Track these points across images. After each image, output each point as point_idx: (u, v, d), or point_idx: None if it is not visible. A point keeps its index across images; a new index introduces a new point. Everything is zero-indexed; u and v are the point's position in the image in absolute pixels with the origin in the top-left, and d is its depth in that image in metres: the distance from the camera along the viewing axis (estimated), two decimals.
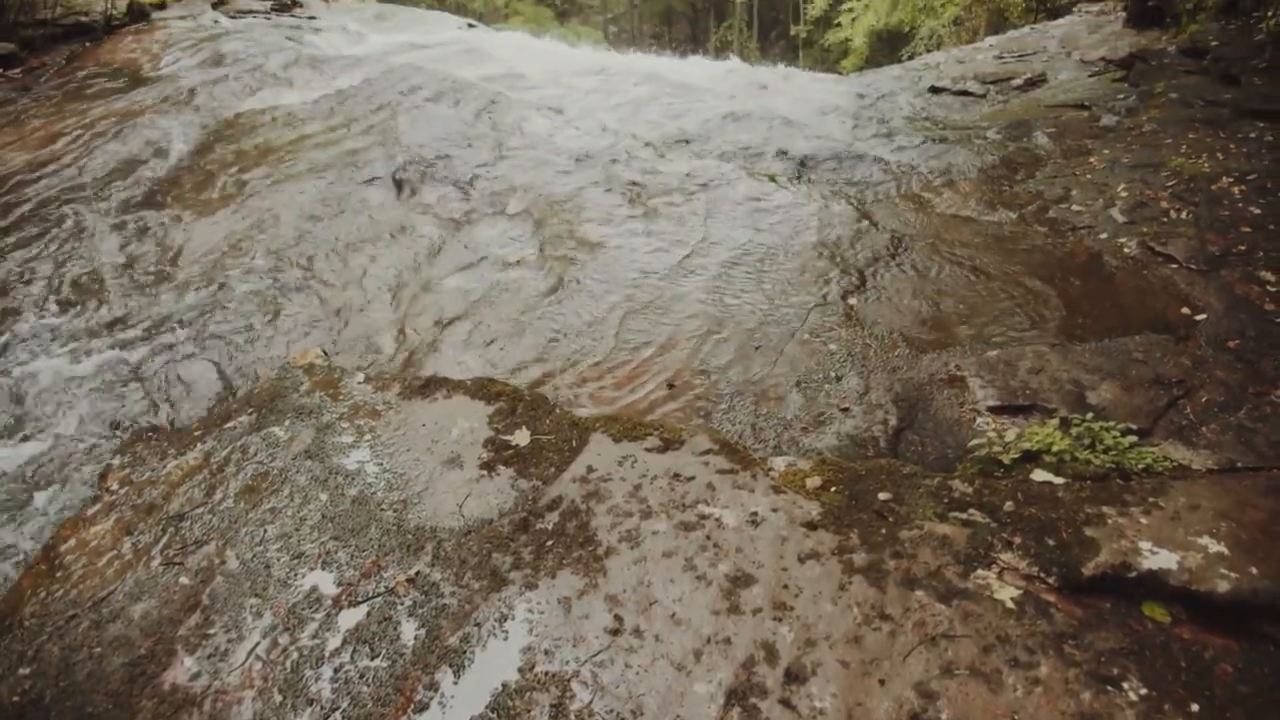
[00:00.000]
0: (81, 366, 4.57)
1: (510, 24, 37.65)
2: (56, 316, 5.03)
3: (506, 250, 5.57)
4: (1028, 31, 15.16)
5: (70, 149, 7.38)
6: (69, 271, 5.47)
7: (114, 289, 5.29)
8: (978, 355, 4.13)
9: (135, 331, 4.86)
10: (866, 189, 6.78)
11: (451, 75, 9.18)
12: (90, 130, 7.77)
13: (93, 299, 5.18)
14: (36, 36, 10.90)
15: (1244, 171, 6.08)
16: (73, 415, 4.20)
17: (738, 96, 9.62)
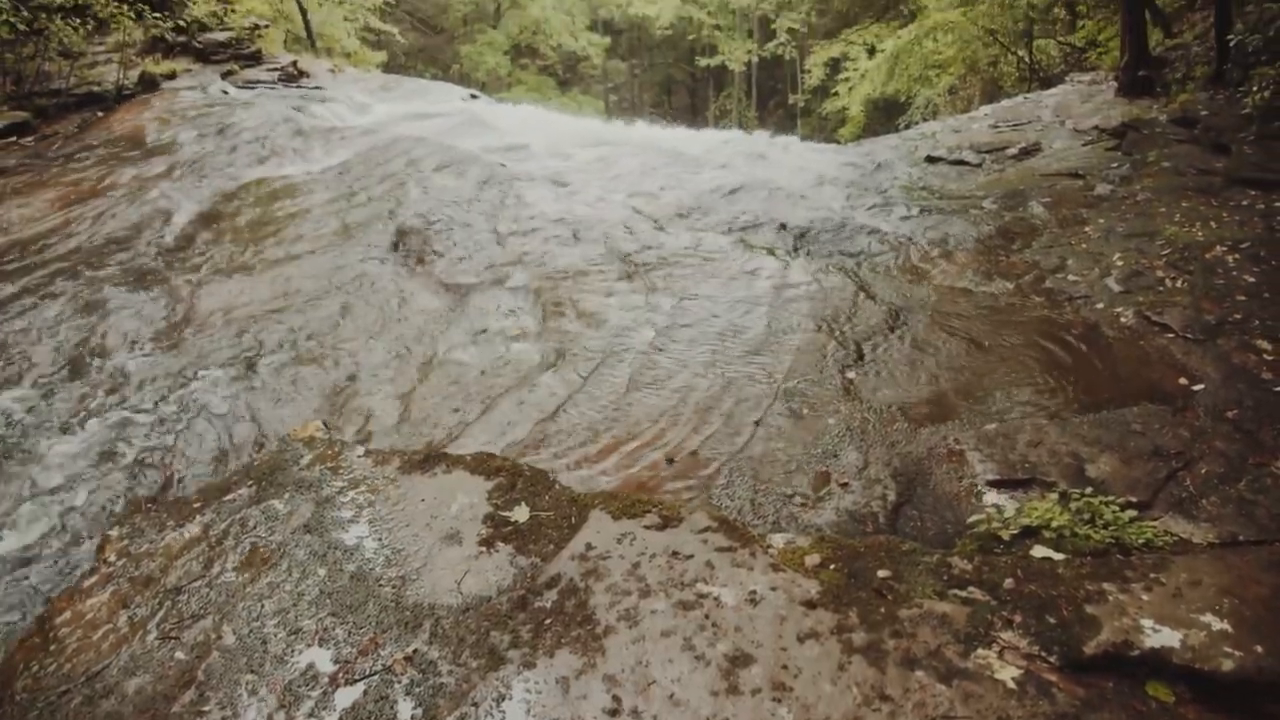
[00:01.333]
0: (81, 436, 4.58)
1: (513, 92, 38.28)
2: (58, 386, 5.05)
3: (507, 323, 5.61)
4: (1021, 100, 15.40)
5: (78, 217, 7.48)
6: (72, 340, 5.50)
7: (116, 359, 5.32)
8: (976, 428, 4.14)
9: (136, 402, 4.88)
10: (864, 261, 6.84)
11: (454, 146, 9.32)
12: (98, 198, 7.89)
13: (95, 369, 5.21)
14: (50, 105, 11.13)
15: (1237, 240, 6.13)
16: (72, 486, 4.20)
17: (736, 167, 9.75)
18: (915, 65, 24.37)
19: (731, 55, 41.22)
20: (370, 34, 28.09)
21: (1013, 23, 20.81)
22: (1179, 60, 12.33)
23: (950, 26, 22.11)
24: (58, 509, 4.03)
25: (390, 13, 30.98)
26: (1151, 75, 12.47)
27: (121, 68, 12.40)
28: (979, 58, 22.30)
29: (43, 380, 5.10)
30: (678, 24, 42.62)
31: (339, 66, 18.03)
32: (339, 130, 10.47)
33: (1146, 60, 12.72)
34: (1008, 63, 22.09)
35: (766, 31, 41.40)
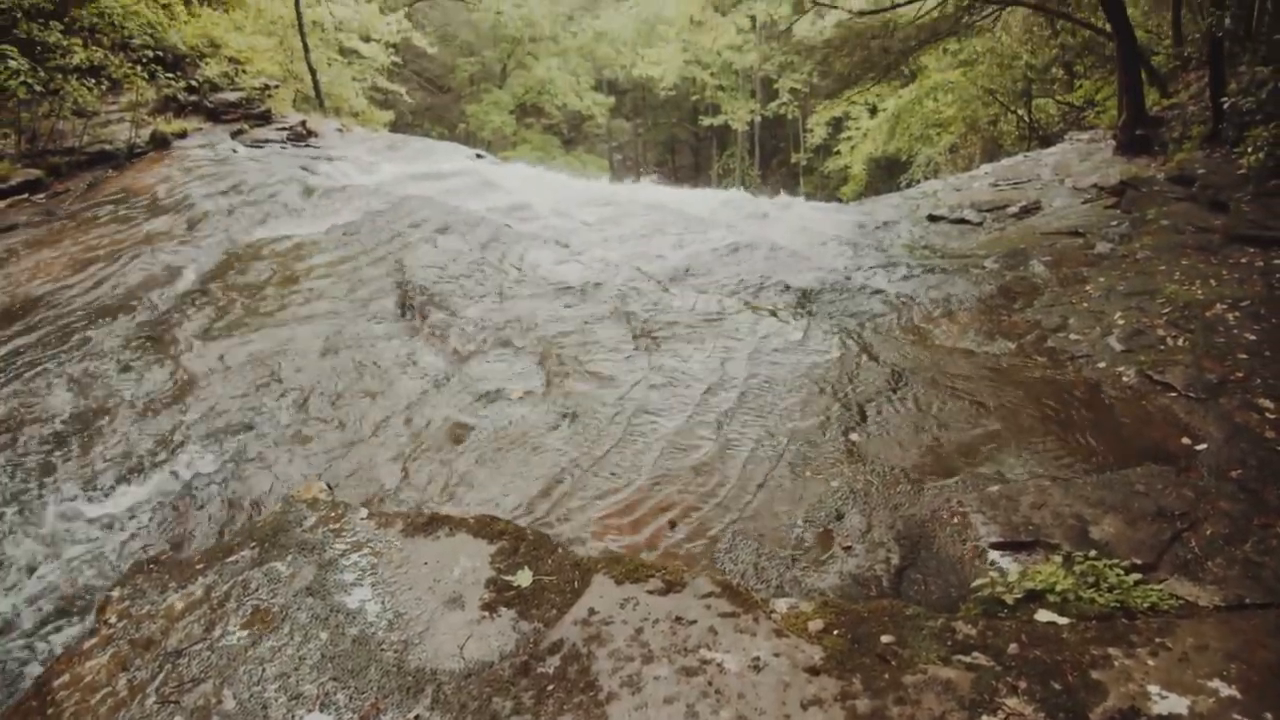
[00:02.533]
0: (82, 496, 4.59)
1: (518, 151, 38.70)
2: (59, 445, 5.06)
3: (511, 385, 5.63)
4: (1021, 159, 15.56)
5: (86, 274, 7.55)
6: (75, 399, 5.53)
7: (121, 419, 5.34)
8: (979, 490, 4.14)
9: (139, 462, 4.89)
10: (866, 321, 6.88)
11: (460, 207, 9.42)
12: (107, 256, 7.96)
13: (97, 428, 5.22)
14: (63, 163, 11.27)
15: (1237, 298, 6.16)
16: (72, 545, 4.20)
17: (739, 227, 9.82)
18: (916, 124, 24.69)
19: (734, 115, 41.73)
20: (378, 93, 28.52)
21: (1012, 82, 21.09)
22: (1176, 119, 12.47)
23: (950, 86, 22.44)
24: (58, 569, 4.03)
25: (398, 72, 31.48)
26: (1149, 134, 12.61)
27: (134, 126, 12.59)
28: (979, 116, 22.58)
29: (44, 439, 5.11)
30: (681, 84, 43.21)
31: (347, 126, 18.27)
32: (346, 190, 10.58)
33: (1144, 119, 12.87)
34: (1007, 121, 22.35)
35: (769, 91, 41.96)
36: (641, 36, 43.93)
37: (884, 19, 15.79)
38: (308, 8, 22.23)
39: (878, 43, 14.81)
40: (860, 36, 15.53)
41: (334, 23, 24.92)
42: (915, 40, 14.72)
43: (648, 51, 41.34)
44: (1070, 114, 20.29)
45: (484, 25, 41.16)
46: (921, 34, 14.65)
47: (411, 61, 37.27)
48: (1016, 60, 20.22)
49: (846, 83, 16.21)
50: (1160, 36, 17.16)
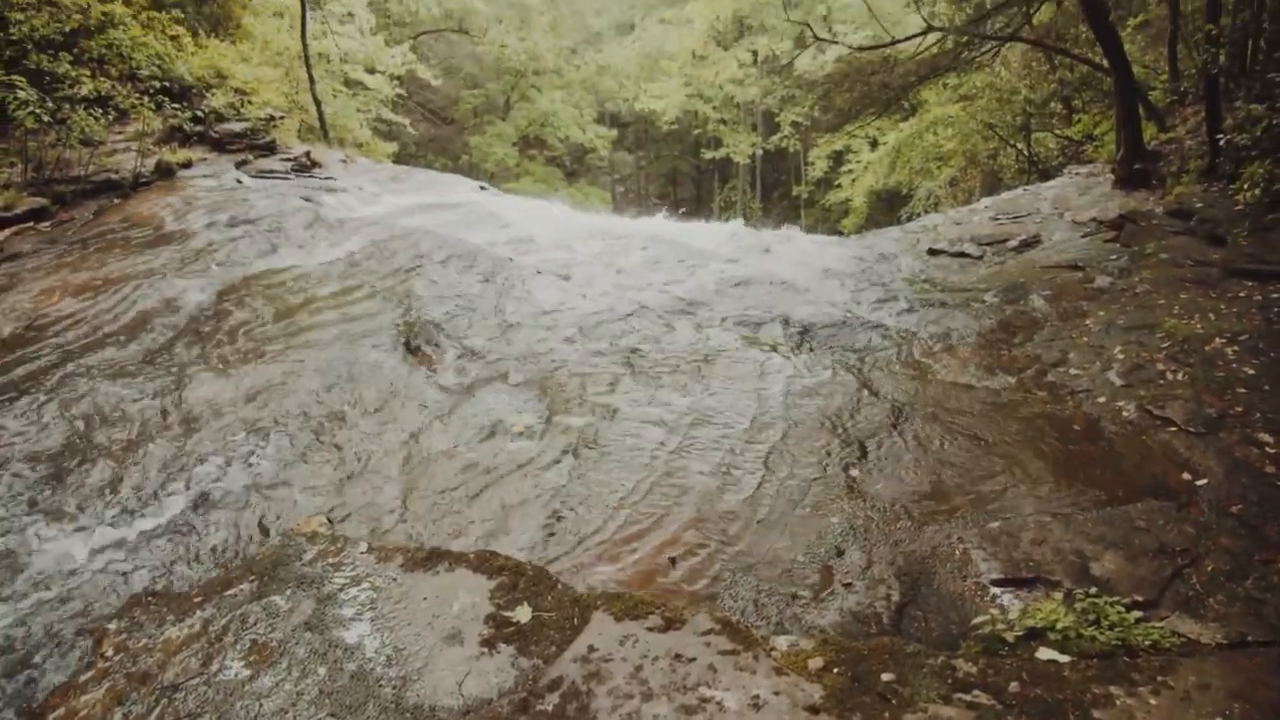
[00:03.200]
0: (80, 527, 4.58)
1: (520, 183, 38.88)
2: (58, 474, 5.05)
3: (511, 419, 5.64)
4: (1021, 192, 15.61)
5: (89, 303, 7.57)
6: (75, 428, 5.52)
7: (118, 449, 5.34)
8: (980, 527, 4.14)
9: (139, 493, 4.88)
10: (867, 356, 6.89)
11: (462, 240, 9.46)
12: (110, 285, 7.98)
13: (97, 457, 5.21)
14: (69, 192, 11.32)
15: (1235, 332, 6.17)
16: (70, 577, 4.18)
17: (740, 260, 9.86)
18: (917, 158, 24.79)
19: (736, 148, 41.93)
20: (382, 124, 28.70)
21: (1011, 117, 21.20)
22: (1173, 154, 12.54)
23: (950, 121, 22.55)
24: (55, 601, 4.02)
25: (402, 104, 31.69)
26: (1147, 168, 12.66)
27: (139, 156, 12.67)
28: (979, 150, 22.68)
29: (41, 467, 5.11)
30: (683, 118, 43.45)
31: (351, 157, 18.36)
32: (349, 221, 10.63)
33: (1142, 154, 12.93)
34: (1007, 155, 22.45)
35: (770, 125, 42.20)
36: (644, 70, 44.26)
37: (884, 55, 15.92)
38: (314, 39, 22.43)
39: (878, 78, 14.91)
40: (860, 72, 15.63)
41: (339, 54, 25.15)
42: (915, 76, 14.81)
43: (650, 85, 41.64)
44: (1069, 148, 20.38)
45: (488, 58, 41.50)
46: (921, 70, 14.74)
47: (416, 93, 37.56)
48: (1015, 95, 20.34)
49: (847, 117, 16.29)
50: (1157, 72, 17.28)
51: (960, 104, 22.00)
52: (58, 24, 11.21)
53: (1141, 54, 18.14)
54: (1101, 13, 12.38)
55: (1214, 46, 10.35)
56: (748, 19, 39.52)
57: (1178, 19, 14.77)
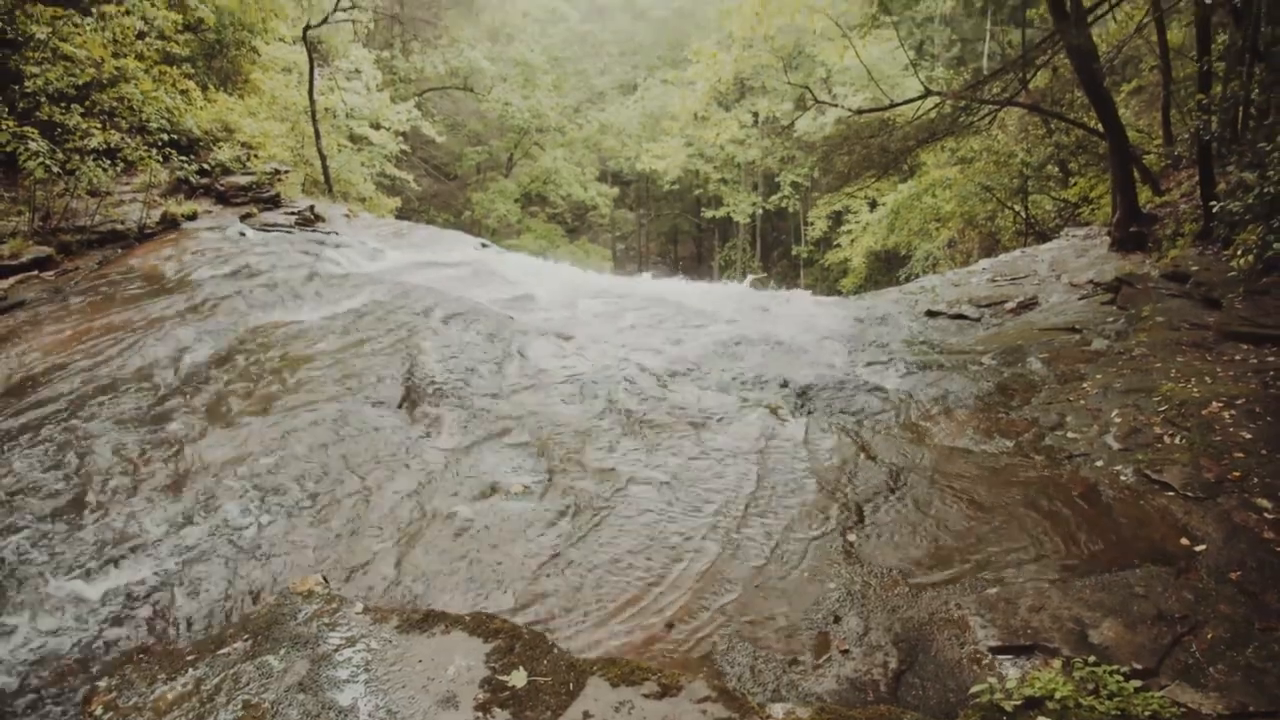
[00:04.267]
0: (73, 581, 4.56)
1: (522, 240, 39.16)
2: (53, 528, 5.04)
3: (510, 479, 5.64)
4: (1018, 255, 15.74)
5: (90, 353, 7.60)
6: (72, 481, 5.52)
7: (115, 503, 5.33)
8: (978, 593, 4.12)
9: (132, 548, 4.86)
10: (865, 419, 6.90)
11: (463, 297, 9.52)
12: (112, 336, 8.01)
13: (92, 512, 5.20)
14: (74, 241, 11.44)
15: (1232, 395, 6.18)
16: (60, 633, 4.16)
17: (739, 321, 9.91)
18: (915, 219, 25.02)
19: (737, 207, 42.29)
20: (385, 179, 29.00)
21: (1008, 179, 21.44)
22: (1168, 217, 12.67)
23: (948, 183, 22.79)
24: (44, 657, 3.99)
25: (405, 159, 32.04)
26: (1143, 231, 12.80)
27: (145, 207, 12.82)
28: (977, 212, 22.91)
29: (36, 518, 5.10)
30: (685, 177, 43.86)
31: (354, 211, 18.54)
32: (351, 277, 10.70)
33: (1137, 217, 13.08)
34: (1004, 217, 22.66)
35: (771, 185, 42.60)
36: (646, 130, 44.77)
37: (882, 118, 16.15)
38: (321, 95, 22.76)
39: (877, 141, 15.11)
40: (859, 135, 15.85)
41: (346, 110, 25.50)
42: (914, 140, 15.01)
43: (652, 145, 42.06)
44: (1066, 210, 20.59)
45: (492, 115, 41.99)
46: (920, 134, 14.94)
47: (419, 149, 38.00)
48: (1012, 158, 20.60)
49: (846, 179, 16.49)
50: (1151, 136, 17.53)
51: (958, 167, 22.26)
52: (72, 77, 11.40)
53: (1136, 118, 18.43)
54: (1096, 79, 12.60)
55: (1206, 114, 10.52)
56: (749, 80, 40.06)
57: (1170, 85, 15.03)
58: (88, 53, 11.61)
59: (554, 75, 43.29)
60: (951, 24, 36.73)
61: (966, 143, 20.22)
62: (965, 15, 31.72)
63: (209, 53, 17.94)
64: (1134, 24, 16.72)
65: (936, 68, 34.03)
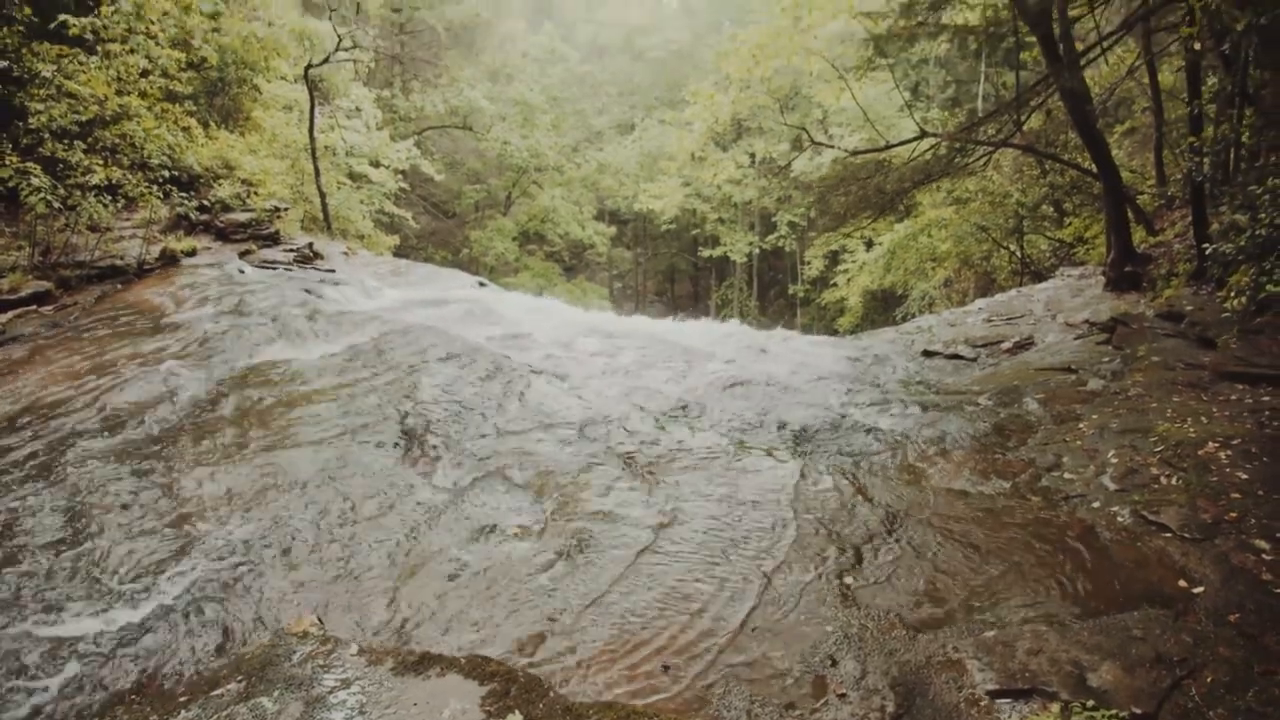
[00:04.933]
0: (64, 619, 4.53)
1: (520, 278, 39.32)
2: (46, 565, 5.01)
3: (506, 520, 5.63)
4: (1014, 294, 15.81)
5: (87, 389, 7.60)
6: (66, 518, 5.50)
7: (109, 539, 5.30)
8: (975, 636, 4.11)
9: (126, 587, 4.84)
10: (862, 460, 6.89)
11: (461, 336, 9.53)
12: (109, 372, 8.02)
13: (86, 549, 5.18)
14: (73, 276, 11.51)
15: (1228, 436, 6.18)
16: (50, 673, 4.13)
17: (737, 361, 9.93)
18: (912, 259, 25.17)
19: (734, 247, 42.52)
20: (384, 216, 29.15)
21: (1004, 219, 21.61)
22: (1162, 257, 12.75)
23: (944, 223, 22.96)
24: (32, 699, 3.96)
25: (404, 197, 32.23)
26: (1138, 271, 12.87)
27: (145, 243, 12.92)
28: (972, 252, 23.05)
29: (29, 555, 5.07)
30: (682, 216, 44.16)
31: (353, 249, 18.63)
32: (349, 315, 10.73)
33: (1132, 256, 13.16)
34: (1000, 257, 22.81)
35: (768, 224, 42.89)
36: (644, 169, 45.11)
37: (878, 159, 16.29)
38: (321, 133, 22.95)
39: (873, 182, 15.23)
40: (855, 176, 15.98)
41: (345, 148, 25.71)
42: (910, 181, 15.13)
43: (649, 185, 42.37)
44: (1061, 250, 20.73)
45: (491, 154, 42.31)
46: (915, 175, 15.07)
47: (418, 186, 38.22)
48: (1007, 198, 20.77)
49: (843, 220, 16.61)
50: (1144, 177, 17.70)
51: (954, 207, 22.43)
52: (75, 114, 11.52)
53: (1129, 159, 18.61)
54: (1089, 121, 12.73)
55: (1198, 156, 10.64)
56: (746, 121, 40.44)
57: (1162, 127, 15.20)
58: (92, 90, 11.75)
59: (553, 115, 43.68)
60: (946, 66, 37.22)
61: (962, 183, 20.41)
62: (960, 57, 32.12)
63: (211, 90, 18.15)
64: (1126, 67, 16.95)
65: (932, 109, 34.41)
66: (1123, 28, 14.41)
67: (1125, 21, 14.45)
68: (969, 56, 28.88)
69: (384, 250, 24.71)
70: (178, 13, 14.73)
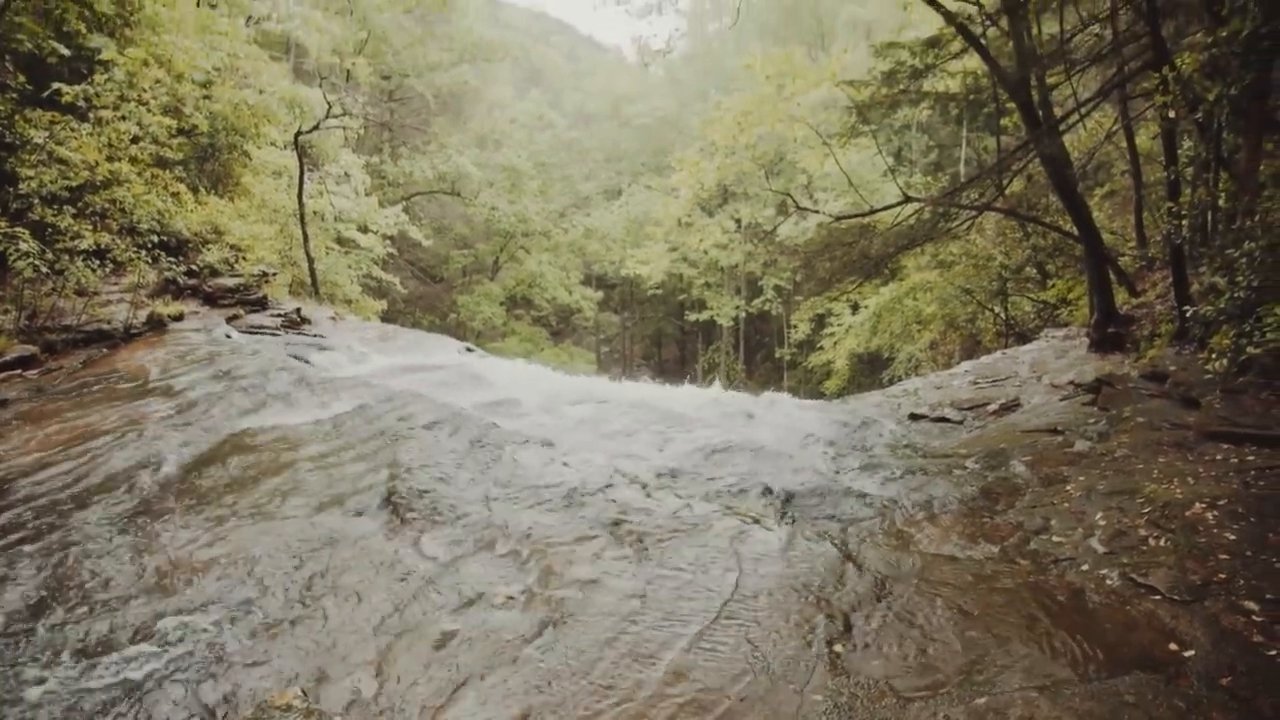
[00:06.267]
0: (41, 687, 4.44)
1: (507, 342, 39.49)
2: (22, 631, 4.93)
3: (494, 590, 5.57)
4: (1000, 356, 15.94)
5: (69, 454, 7.56)
6: (44, 584, 5.42)
7: (86, 606, 5.22)
8: (966, 703, 4.07)
9: (104, 655, 4.75)
10: (850, 526, 6.88)
11: (448, 403, 9.53)
12: (92, 437, 7.98)
13: (64, 616, 5.10)
14: (59, 340, 11.53)
15: (1215, 496, 6.21)
16: None
17: (724, 426, 9.94)
18: (897, 322, 25.42)
19: (720, 311, 42.84)
20: (372, 281, 29.31)
21: (988, 282, 21.88)
22: (1145, 318, 12.92)
23: (929, 286, 23.24)
24: None
25: (392, 262, 32.44)
26: (1121, 332, 13.03)
27: (132, 308, 12.98)
28: (957, 314, 23.30)
29: (7, 625, 5.00)
30: (668, 281, 44.53)
31: (340, 314, 18.72)
32: (336, 380, 10.73)
33: (1115, 318, 13.33)
34: (985, 319, 23.04)
35: (754, 288, 43.24)
36: (630, 235, 45.60)
37: (862, 223, 16.52)
38: (310, 198, 23.17)
39: (858, 247, 15.43)
40: (840, 240, 16.18)
41: (334, 213, 25.94)
42: (894, 246, 15.34)
43: (636, 251, 42.81)
44: (1045, 311, 20.96)
45: (478, 219, 42.78)
46: (900, 239, 15.27)
47: (406, 251, 38.52)
48: (991, 261, 21.06)
49: (828, 284, 16.79)
50: (1125, 238, 17.99)
51: (938, 270, 22.72)
52: (66, 180, 11.66)
53: (1109, 221, 18.94)
54: (1069, 184, 13.00)
55: (1176, 219, 10.85)
56: (732, 186, 41.01)
57: (1141, 189, 15.53)
58: (83, 156, 11.92)
59: (540, 180, 44.29)
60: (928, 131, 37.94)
61: (946, 247, 20.70)
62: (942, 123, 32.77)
63: (201, 156, 18.37)
64: (1104, 132, 17.36)
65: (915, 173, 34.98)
66: (1099, 95, 14.79)
67: (1102, 89, 14.84)
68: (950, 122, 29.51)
69: (371, 315, 24.83)
70: (170, 80, 14.99)
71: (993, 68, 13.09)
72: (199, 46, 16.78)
